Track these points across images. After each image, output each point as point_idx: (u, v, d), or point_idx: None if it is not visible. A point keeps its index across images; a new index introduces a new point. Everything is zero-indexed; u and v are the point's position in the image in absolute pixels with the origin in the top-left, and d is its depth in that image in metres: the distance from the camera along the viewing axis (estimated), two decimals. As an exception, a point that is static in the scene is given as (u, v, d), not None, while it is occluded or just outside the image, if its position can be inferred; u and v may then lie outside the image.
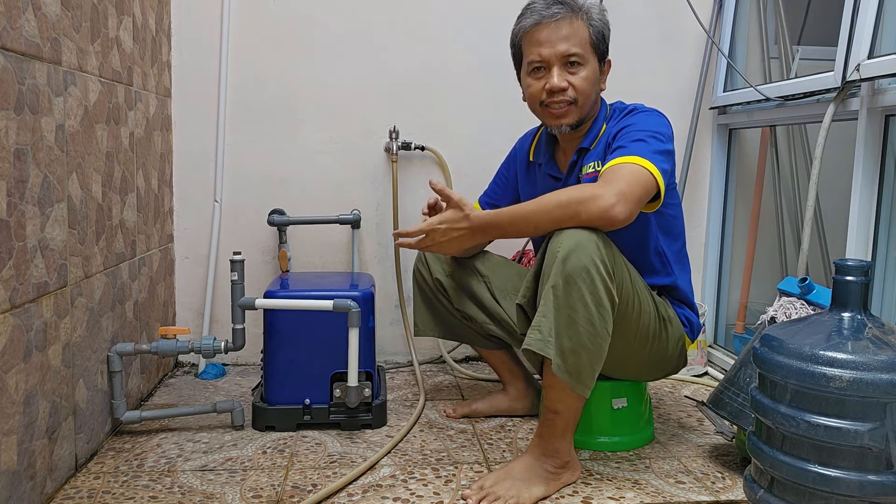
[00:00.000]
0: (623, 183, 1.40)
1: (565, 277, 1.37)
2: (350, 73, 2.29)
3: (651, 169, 1.44)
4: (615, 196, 1.38)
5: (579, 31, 1.58)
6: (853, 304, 1.21)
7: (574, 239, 1.38)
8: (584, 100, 1.60)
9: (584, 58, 1.58)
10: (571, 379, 1.40)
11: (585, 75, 1.59)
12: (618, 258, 1.46)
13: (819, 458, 1.15)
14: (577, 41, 1.57)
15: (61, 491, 1.45)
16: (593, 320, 1.39)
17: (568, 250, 1.37)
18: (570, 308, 1.38)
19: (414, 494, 1.45)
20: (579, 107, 1.60)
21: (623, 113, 1.63)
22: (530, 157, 1.79)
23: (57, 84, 1.42)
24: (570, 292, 1.37)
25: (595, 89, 1.62)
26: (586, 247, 1.38)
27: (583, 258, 1.37)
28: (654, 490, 1.48)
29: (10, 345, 1.24)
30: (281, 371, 1.80)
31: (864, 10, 1.71)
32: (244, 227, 2.31)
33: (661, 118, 1.59)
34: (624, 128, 1.56)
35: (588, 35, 1.58)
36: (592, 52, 1.59)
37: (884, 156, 1.70)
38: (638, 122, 1.56)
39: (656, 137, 1.51)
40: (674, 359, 1.67)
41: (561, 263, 1.37)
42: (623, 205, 1.38)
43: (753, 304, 2.34)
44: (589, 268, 1.37)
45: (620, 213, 1.38)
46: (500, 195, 1.87)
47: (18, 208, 1.27)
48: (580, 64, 1.58)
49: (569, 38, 1.57)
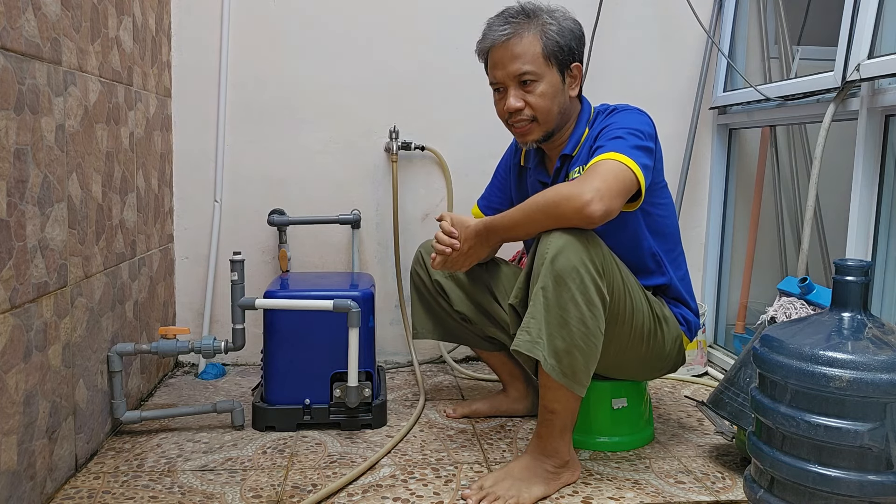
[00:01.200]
0: (599, 180, 1.40)
1: (554, 278, 1.37)
2: (350, 73, 2.29)
3: (629, 164, 1.43)
4: (591, 193, 1.37)
5: (530, 47, 1.55)
6: (853, 304, 1.21)
7: (562, 240, 1.39)
8: (545, 116, 1.59)
9: (538, 73, 1.56)
10: (567, 379, 1.40)
11: (541, 91, 1.57)
12: (607, 257, 1.46)
13: (819, 458, 1.15)
14: (528, 58, 1.55)
15: (61, 491, 1.45)
16: (585, 320, 1.39)
17: (556, 251, 1.38)
18: (562, 308, 1.38)
19: (414, 494, 1.45)
20: (541, 123, 1.60)
21: (605, 114, 1.62)
22: (521, 162, 1.79)
23: (57, 84, 1.42)
24: (560, 293, 1.38)
25: (558, 101, 1.59)
26: (574, 247, 1.38)
27: (571, 258, 1.37)
28: (654, 490, 1.48)
29: (10, 345, 1.24)
30: (281, 371, 1.80)
31: (864, 10, 1.71)
32: (244, 227, 2.31)
33: (642, 116, 1.58)
34: (605, 128, 1.55)
35: (541, 49, 1.55)
36: (548, 64, 1.56)
37: (884, 156, 1.70)
38: (618, 120, 1.56)
39: (635, 134, 1.50)
40: (671, 358, 1.67)
41: (550, 264, 1.38)
42: (599, 202, 1.37)
43: (753, 304, 2.34)
44: (578, 267, 1.37)
45: (597, 210, 1.37)
46: (500, 198, 1.86)
47: (18, 208, 1.27)
48: (534, 81, 1.56)
49: (519, 56, 1.56)
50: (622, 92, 2.30)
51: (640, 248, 1.62)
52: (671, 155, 2.39)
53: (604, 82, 2.33)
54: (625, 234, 1.58)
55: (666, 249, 1.66)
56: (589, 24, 2.30)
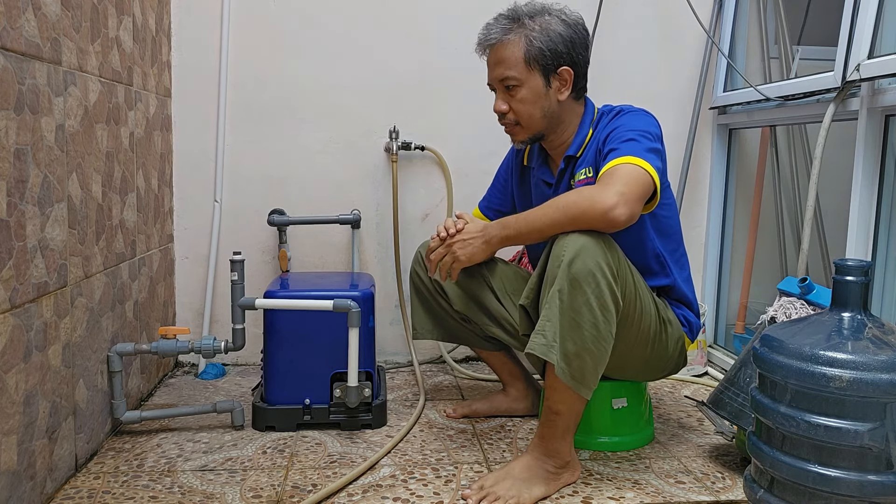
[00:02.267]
0: (621, 184, 1.40)
1: (571, 281, 1.37)
2: (350, 73, 2.29)
3: (646, 167, 1.44)
4: (615, 197, 1.38)
5: (513, 52, 1.56)
6: (853, 304, 1.21)
7: (579, 242, 1.38)
8: (526, 120, 1.60)
9: (519, 79, 1.56)
10: (574, 382, 1.40)
11: (522, 97, 1.58)
12: (622, 261, 1.46)
13: (819, 458, 1.15)
14: (509, 63, 1.56)
15: (61, 491, 1.45)
16: (598, 324, 1.38)
17: (574, 254, 1.37)
18: (575, 312, 1.37)
19: (414, 494, 1.45)
20: (524, 127, 1.61)
21: (611, 116, 1.62)
22: (524, 162, 1.79)
23: (57, 84, 1.42)
24: (575, 296, 1.37)
25: (541, 105, 1.59)
26: (592, 250, 1.37)
27: (588, 262, 1.37)
28: (654, 490, 1.48)
29: (10, 345, 1.24)
30: (281, 371, 1.80)
31: (864, 10, 1.71)
32: (244, 227, 2.31)
33: (649, 118, 1.58)
34: (613, 130, 1.55)
35: (523, 53, 1.55)
36: (530, 69, 1.56)
37: (884, 156, 1.70)
38: (626, 122, 1.56)
39: (646, 136, 1.50)
40: (674, 359, 1.67)
41: (567, 267, 1.37)
42: (624, 206, 1.38)
43: (753, 304, 2.34)
44: (595, 272, 1.37)
45: (622, 214, 1.38)
46: (501, 200, 1.86)
47: (18, 208, 1.27)
48: (516, 86, 1.57)
49: (502, 61, 1.57)
50: (622, 92, 2.30)
51: (645, 248, 1.62)
52: (671, 155, 2.38)
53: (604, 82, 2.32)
54: (631, 235, 1.57)
55: (670, 250, 1.66)
56: (589, 24, 2.28)
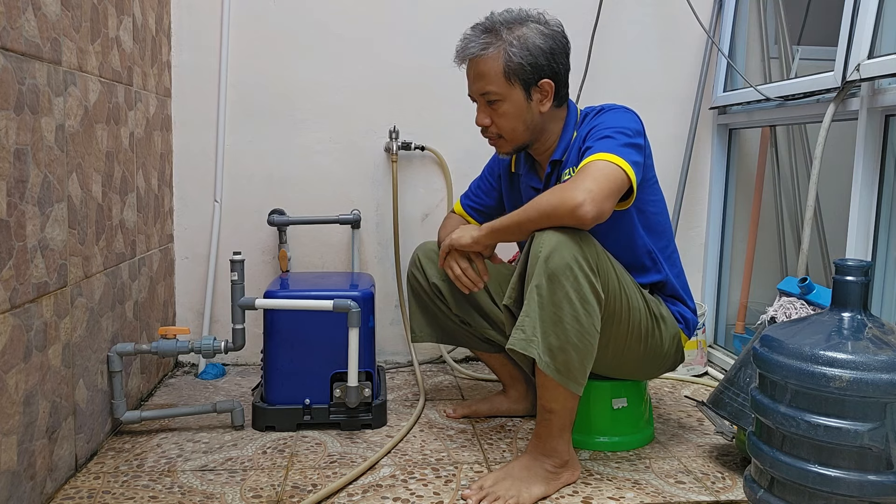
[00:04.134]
0: (590, 180, 1.40)
1: (548, 276, 1.38)
2: (350, 73, 2.29)
3: (619, 162, 1.43)
4: (583, 194, 1.38)
5: (492, 67, 1.54)
6: (853, 304, 1.21)
7: (555, 238, 1.39)
8: (510, 134, 1.60)
9: (500, 93, 1.55)
10: (561, 377, 1.41)
11: (503, 111, 1.57)
12: (601, 255, 1.46)
13: (819, 458, 1.15)
14: (489, 78, 1.55)
15: (61, 491, 1.45)
16: (579, 317, 1.39)
17: (550, 250, 1.38)
18: (555, 306, 1.38)
19: (414, 494, 1.45)
20: (508, 140, 1.61)
21: (592, 115, 1.61)
22: (512, 168, 1.79)
23: (57, 84, 1.42)
24: (554, 290, 1.38)
25: (524, 119, 1.58)
26: (567, 245, 1.39)
27: (565, 256, 1.38)
28: (654, 490, 1.48)
29: (10, 345, 1.24)
30: (281, 371, 1.80)
31: (864, 10, 1.71)
32: (244, 227, 2.31)
33: (629, 113, 1.58)
34: (592, 129, 1.55)
35: (502, 67, 1.53)
36: (510, 82, 1.54)
37: (884, 156, 1.70)
38: (605, 120, 1.55)
39: (622, 132, 1.50)
40: (670, 356, 1.67)
41: (543, 263, 1.38)
42: (591, 203, 1.38)
43: (753, 304, 2.34)
44: (571, 265, 1.38)
45: (589, 211, 1.38)
46: (483, 199, 1.85)
47: (18, 208, 1.27)
48: (498, 101, 1.57)
49: (482, 76, 1.56)
50: (622, 92, 2.31)
51: (636, 245, 1.62)
52: (671, 155, 2.39)
53: (604, 82, 2.33)
54: (620, 232, 1.58)
55: (661, 246, 1.66)
56: (589, 24, 2.30)
